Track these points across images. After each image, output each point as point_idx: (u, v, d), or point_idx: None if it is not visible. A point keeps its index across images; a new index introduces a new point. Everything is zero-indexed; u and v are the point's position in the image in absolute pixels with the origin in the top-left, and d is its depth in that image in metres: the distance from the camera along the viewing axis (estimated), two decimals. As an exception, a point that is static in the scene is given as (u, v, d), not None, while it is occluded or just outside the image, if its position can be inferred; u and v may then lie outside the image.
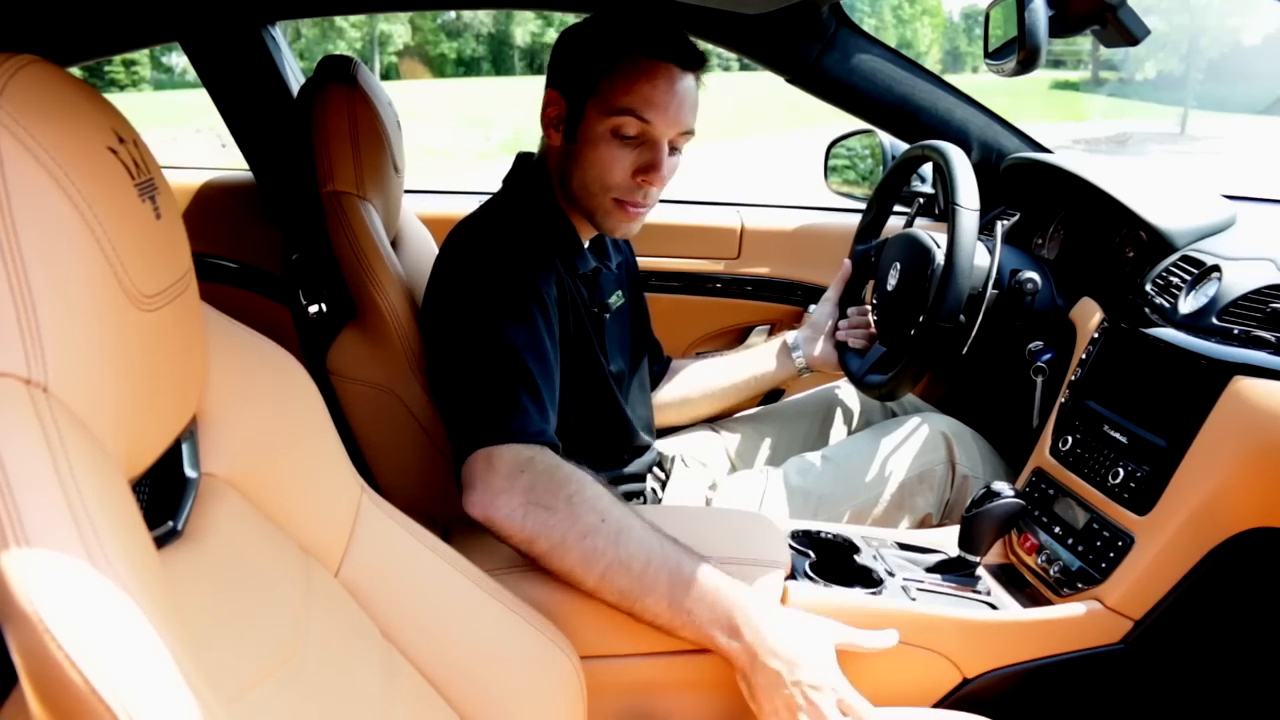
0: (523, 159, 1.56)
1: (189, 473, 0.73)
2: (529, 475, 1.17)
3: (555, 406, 1.30)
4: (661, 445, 1.78)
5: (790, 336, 1.86)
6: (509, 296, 1.33)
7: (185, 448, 0.73)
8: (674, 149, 1.43)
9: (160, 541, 0.67)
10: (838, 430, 1.92)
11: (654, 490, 1.64)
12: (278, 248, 2.20)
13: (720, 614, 1.12)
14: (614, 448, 1.57)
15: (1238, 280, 1.30)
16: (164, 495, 0.71)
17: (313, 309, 1.62)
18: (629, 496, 1.59)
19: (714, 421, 1.92)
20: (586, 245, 1.56)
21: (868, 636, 1.17)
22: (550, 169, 1.50)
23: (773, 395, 2.01)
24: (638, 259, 1.83)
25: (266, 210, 2.25)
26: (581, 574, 1.13)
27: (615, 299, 1.65)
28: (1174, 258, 1.44)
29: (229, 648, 0.65)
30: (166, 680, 0.48)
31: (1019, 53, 1.37)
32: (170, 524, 0.69)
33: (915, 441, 1.69)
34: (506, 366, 1.27)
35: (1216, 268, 1.34)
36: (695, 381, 1.89)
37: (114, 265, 0.57)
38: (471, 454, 1.20)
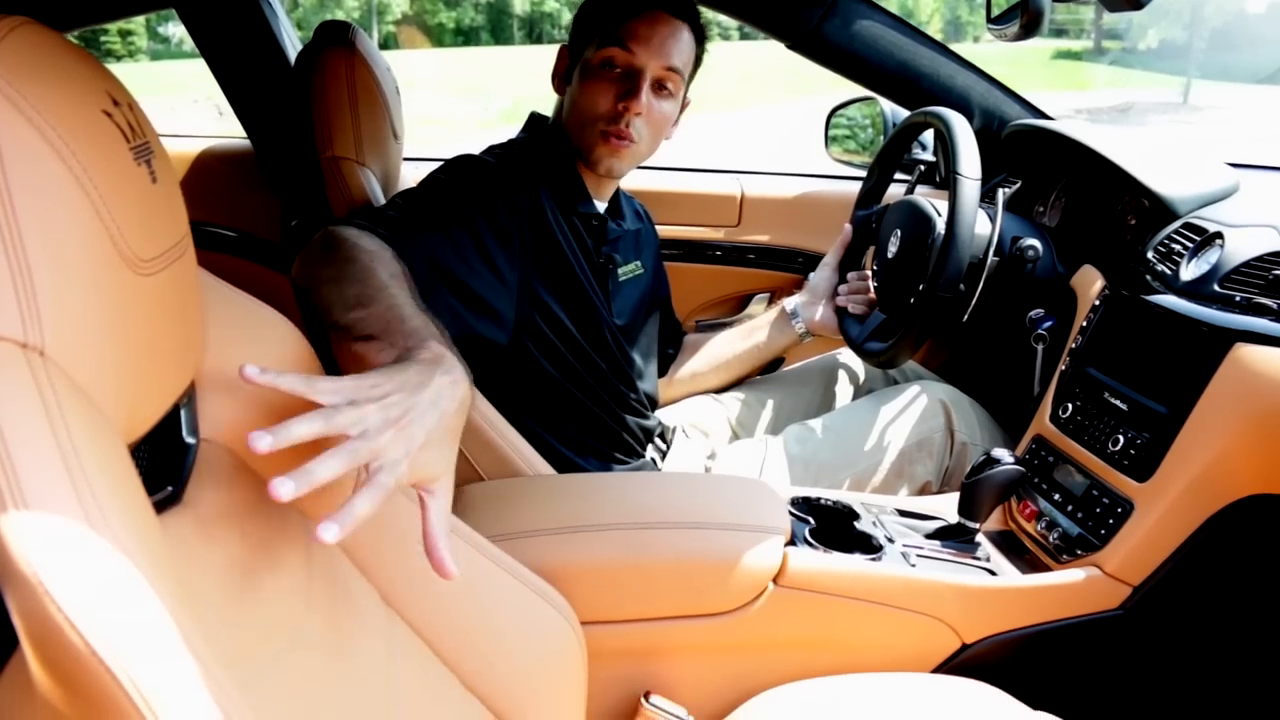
0: (536, 117, 1.64)
1: (187, 438, 0.73)
2: (317, 238, 1.17)
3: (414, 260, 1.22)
4: (662, 415, 1.78)
5: (790, 303, 1.86)
6: (459, 194, 1.37)
7: (184, 413, 0.73)
8: (661, 87, 1.50)
9: (160, 507, 0.67)
10: (838, 398, 1.92)
11: (654, 460, 1.64)
12: (277, 215, 2.19)
13: (424, 335, 1.00)
14: (613, 412, 1.57)
15: (1240, 247, 1.29)
16: (163, 461, 0.70)
17: (312, 276, 1.61)
18: (632, 458, 1.60)
19: (717, 391, 1.92)
20: (604, 207, 1.61)
21: None
22: (562, 124, 1.56)
23: (773, 363, 2.01)
24: None
25: (265, 178, 2.24)
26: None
27: (632, 267, 1.69)
28: (1176, 225, 1.44)
29: (229, 612, 0.65)
30: (167, 642, 0.48)
31: (1022, 16, 1.36)
32: (169, 489, 0.69)
33: (914, 409, 1.69)
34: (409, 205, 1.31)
35: (1219, 235, 1.34)
36: (703, 355, 1.91)
37: (110, 229, 0.57)
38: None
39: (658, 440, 1.69)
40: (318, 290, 1.10)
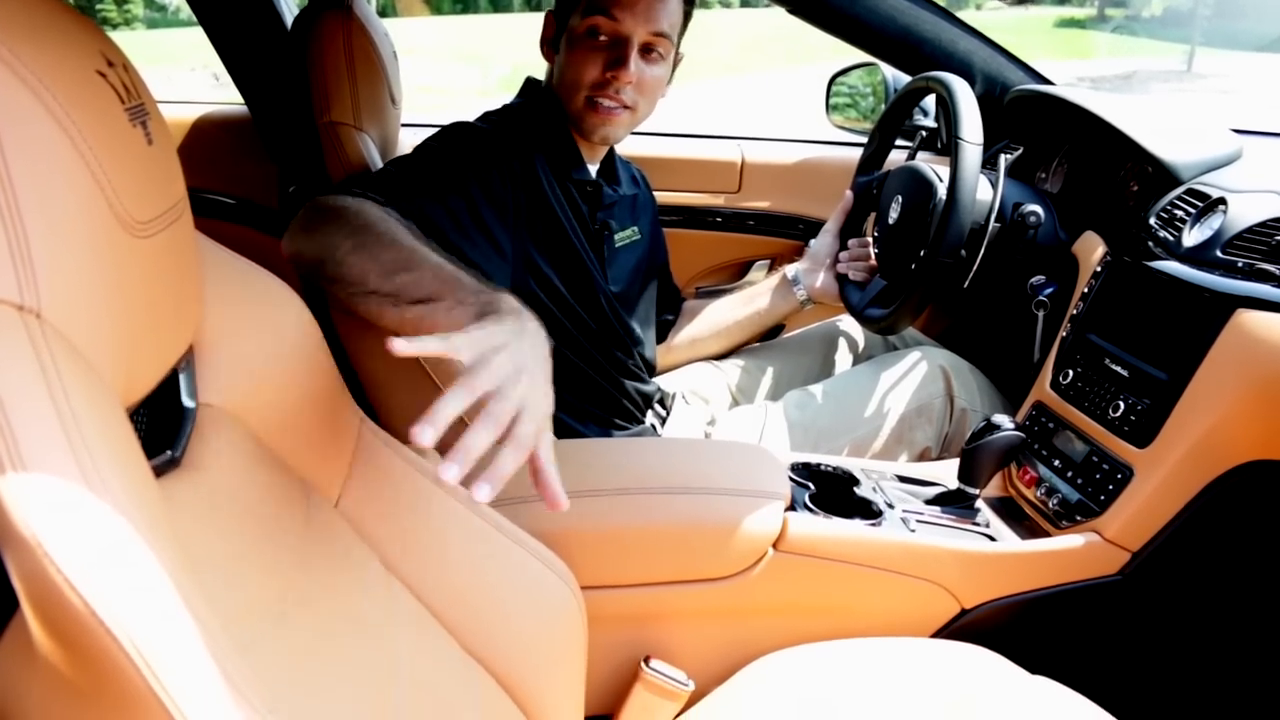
0: (531, 82, 1.62)
1: (186, 402, 0.73)
2: (309, 209, 1.17)
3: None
4: (662, 381, 1.78)
5: (791, 269, 1.86)
6: (454, 162, 1.36)
7: (183, 377, 0.73)
8: (649, 50, 1.48)
9: (159, 471, 0.67)
10: (838, 365, 1.91)
11: (653, 426, 1.64)
12: (275, 182, 2.18)
13: (471, 287, 1.03)
14: (612, 377, 1.57)
15: (1243, 213, 1.29)
16: (162, 425, 0.70)
17: (311, 243, 1.61)
18: (632, 425, 1.60)
19: (717, 358, 1.92)
20: (595, 172, 1.59)
21: None
22: (554, 89, 1.54)
23: (773, 330, 2.01)
24: None
25: (263, 144, 2.22)
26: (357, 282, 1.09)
27: (629, 233, 1.68)
28: (1179, 191, 1.43)
29: (229, 576, 0.65)
30: (167, 603, 0.48)
31: None
32: (169, 453, 0.68)
33: (914, 375, 1.69)
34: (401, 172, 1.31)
35: (1222, 200, 1.33)
36: (702, 321, 1.90)
37: (105, 190, 0.56)
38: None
39: (657, 406, 1.69)
40: (338, 260, 1.09)
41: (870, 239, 1.82)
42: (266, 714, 0.51)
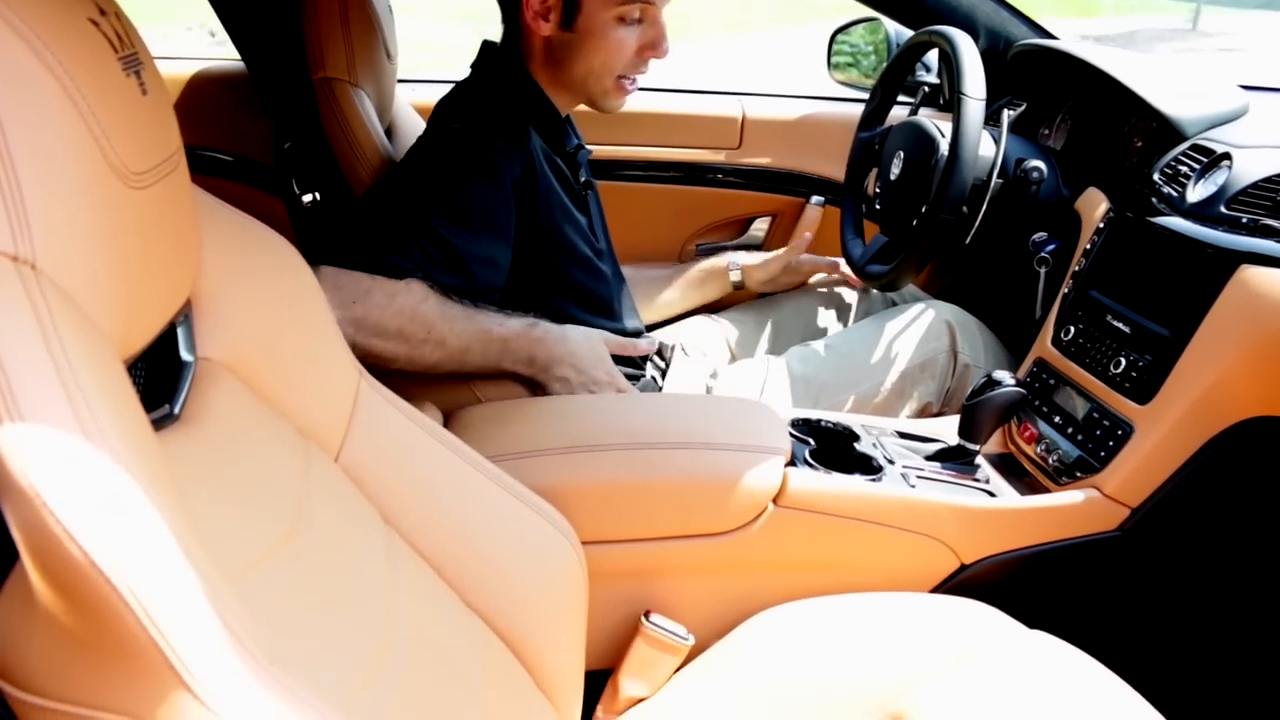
0: (489, 45, 1.55)
1: (185, 356, 0.72)
2: (361, 306, 1.28)
3: (470, 261, 1.36)
4: (660, 334, 1.78)
5: (729, 259, 1.93)
6: (469, 155, 1.37)
7: (180, 331, 0.72)
8: None
9: (157, 425, 0.66)
10: (839, 321, 1.91)
11: (654, 378, 1.64)
12: (271, 138, 2.16)
13: (520, 356, 1.38)
14: (611, 330, 1.57)
15: (1248, 168, 1.28)
16: (160, 379, 0.70)
17: (306, 198, 1.60)
18: (630, 380, 1.60)
19: (712, 312, 1.92)
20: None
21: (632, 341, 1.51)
22: (526, 53, 1.49)
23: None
24: (637, 148, 1.82)
25: (259, 100, 2.20)
26: (413, 369, 1.34)
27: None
28: (1184, 146, 1.42)
29: (229, 528, 0.65)
30: (166, 552, 0.48)
31: None
32: (167, 408, 0.68)
33: (918, 330, 1.68)
34: (429, 202, 1.34)
35: (1227, 155, 1.32)
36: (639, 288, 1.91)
37: (99, 140, 0.56)
38: (357, 270, 1.29)
39: (656, 358, 1.69)
40: (401, 362, 1.33)
41: (840, 261, 1.87)
42: (268, 664, 0.51)
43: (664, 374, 1.68)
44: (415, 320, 1.30)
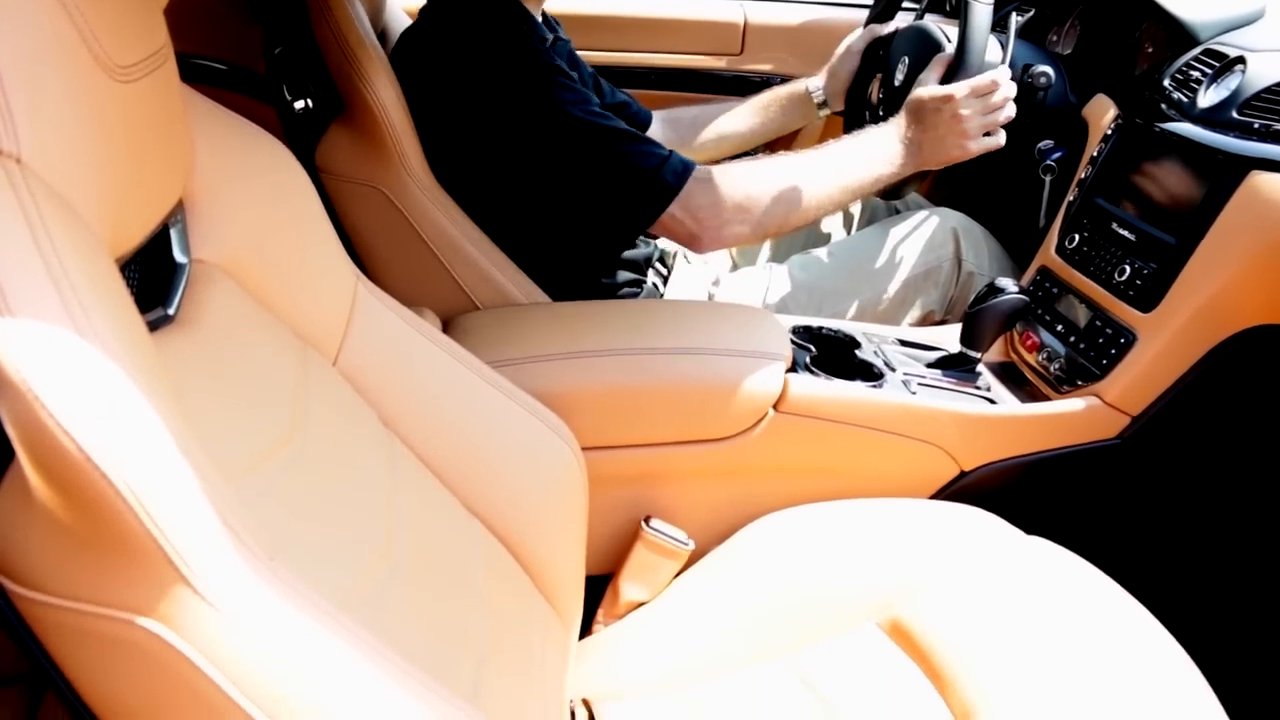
0: None
1: (179, 258, 0.71)
2: (713, 202, 1.32)
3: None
4: (663, 242, 1.76)
5: (808, 83, 1.83)
6: (540, 76, 1.35)
7: (174, 232, 0.71)
8: None
9: (153, 327, 0.65)
10: (839, 230, 1.89)
11: (655, 285, 1.63)
12: (261, 44, 2.12)
13: (889, 155, 1.43)
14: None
15: (1262, 72, 1.25)
16: (154, 281, 0.69)
17: (299, 104, 1.57)
18: (631, 288, 1.58)
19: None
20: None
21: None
22: None
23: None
24: (635, 54, 1.77)
25: (249, 4, 2.15)
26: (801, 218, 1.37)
27: None
28: (1196, 51, 1.39)
29: (227, 429, 0.65)
30: (162, 447, 0.48)
31: None
32: (162, 310, 0.67)
33: (922, 237, 1.67)
34: (596, 138, 1.33)
35: (1241, 59, 1.29)
36: (709, 132, 1.85)
37: (83, 32, 0.54)
38: (658, 218, 1.32)
39: (658, 265, 1.67)
40: (791, 222, 1.37)
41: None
42: (267, 559, 0.51)
43: (666, 281, 1.67)
44: (760, 175, 1.35)
